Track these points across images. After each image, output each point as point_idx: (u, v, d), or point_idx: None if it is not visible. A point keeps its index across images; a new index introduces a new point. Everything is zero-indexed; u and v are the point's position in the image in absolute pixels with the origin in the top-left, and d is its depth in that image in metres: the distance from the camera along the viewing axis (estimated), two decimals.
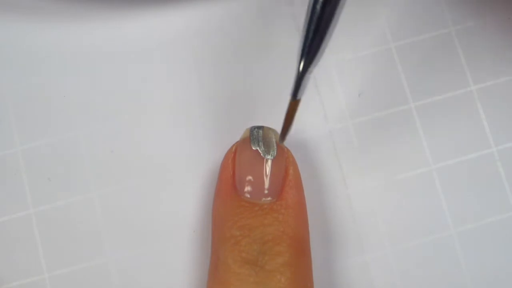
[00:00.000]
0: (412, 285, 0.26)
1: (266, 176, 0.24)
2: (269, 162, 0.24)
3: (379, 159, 0.26)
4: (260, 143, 0.24)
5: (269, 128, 0.24)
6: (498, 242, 0.26)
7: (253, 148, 0.24)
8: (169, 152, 0.26)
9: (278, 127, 0.25)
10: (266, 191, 0.23)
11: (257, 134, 0.24)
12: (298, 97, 0.22)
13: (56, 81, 0.27)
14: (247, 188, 0.23)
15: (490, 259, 0.26)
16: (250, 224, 0.23)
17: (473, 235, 0.26)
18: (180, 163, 0.26)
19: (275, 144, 0.24)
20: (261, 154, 0.24)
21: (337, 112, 0.27)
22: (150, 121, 0.27)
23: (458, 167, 0.26)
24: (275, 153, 0.24)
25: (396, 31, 0.27)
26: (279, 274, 0.22)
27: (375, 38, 0.27)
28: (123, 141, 0.27)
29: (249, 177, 0.24)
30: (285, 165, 0.24)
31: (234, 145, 0.25)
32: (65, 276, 0.26)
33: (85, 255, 0.26)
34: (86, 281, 0.26)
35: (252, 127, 0.24)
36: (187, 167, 0.26)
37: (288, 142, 0.24)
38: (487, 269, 0.26)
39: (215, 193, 0.25)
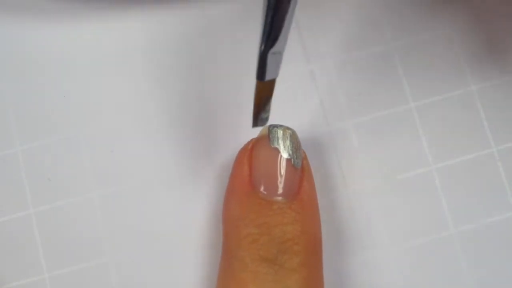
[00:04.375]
0: (412, 285, 0.26)
1: (284, 174, 0.23)
2: (287, 161, 0.23)
3: (379, 159, 0.26)
4: (280, 142, 0.24)
5: (288, 127, 0.24)
6: (498, 242, 0.26)
7: (272, 147, 0.24)
8: (169, 152, 0.26)
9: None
10: (284, 190, 0.23)
11: (276, 133, 0.24)
12: (266, 78, 0.21)
13: (56, 81, 0.27)
14: (265, 186, 0.23)
15: (490, 259, 0.26)
16: (268, 222, 0.23)
17: (473, 235, 0.26)
18: (180, 163, 0.26)
19: (294, 144, 0.24)
20: (280, 153, 0.24)
21: (337, 112, 0.27)
22: (150, 121, 0.27)
23: (458, 167, 0.26)
24: (294, 151, 0.24)
25: (396, 31, 0.27)
26: (297, 273, 0.22)
27: (375, 38, 0.27)
28: (123, 141, 0.27)
29: (267, 175, 0.23)
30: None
31: (249, 142, 0.24)
32: (65, 276, 0.26)
33: (85, 255, 0.26)
34: (86, 281, 0.26)
35: (271, 125, 0.24)
36: (187, 167, 0.26)
37: None
38: (487, 269, 0.26)
39: (227, 191, 0.24)
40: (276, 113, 0.24)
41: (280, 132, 0.24)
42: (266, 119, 0.23)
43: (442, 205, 0.26)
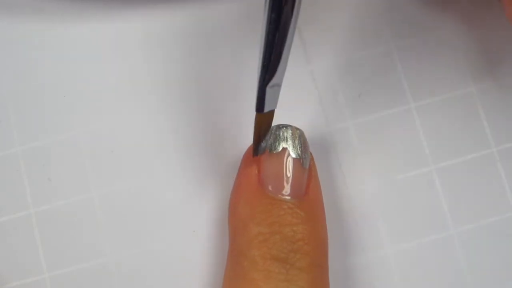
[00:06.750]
0: (412, 285, 0.26)
1: (293, 174, 0.23)
2: (296, 161, 0.23)
3: (379, 159, 0.26)
4: (289, 141, 0.24)
5: (297, 128, 0.24)
6: (498, 242, 0.26)
7: (282, 147, 0.24)
8: (170, 152, 0.26)
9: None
10: (293, 190, 0.23)
11: (285, 132, 0.24)
12: (265, 110, 0.22)
13: (56, 81, 0.27)
14: (274, 186, 0.23)
15: (490, 259, 0.26)
16: (279, 221, 0.23)
17: (473, 235, 0.26)
18: (181, 163, 0.26)
19: (302, 144, 0.24)
20: (290, 152, 0.24)
21: (337, 112, 0.27)
22: (150, 121, 0.27)
23: (458, 167, 0.26)
24: (303, 152, 0.24)
25: (396, 31, 0.27)
26: (307, 273, 0.22)
27: (375, 38, 0.27)
28: (123, 141, 0.27)
29: (276, 175, 0.23)
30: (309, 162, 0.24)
31: None
32: (65, 276, 0.26)
33: (85, 255, 0.26)
34: (86, 281, 0.26)
35: (280, 125, 0.24)
36: (186, 167, 0.26)
37: None
38: (487, 269, 0.26)
39: (234, 190, 0.24)
40: (277, 113, 0.24)
41: (289, 132, 0.24)
42: (265, 148, 0.24)
43: (442, 205, 0.26)
